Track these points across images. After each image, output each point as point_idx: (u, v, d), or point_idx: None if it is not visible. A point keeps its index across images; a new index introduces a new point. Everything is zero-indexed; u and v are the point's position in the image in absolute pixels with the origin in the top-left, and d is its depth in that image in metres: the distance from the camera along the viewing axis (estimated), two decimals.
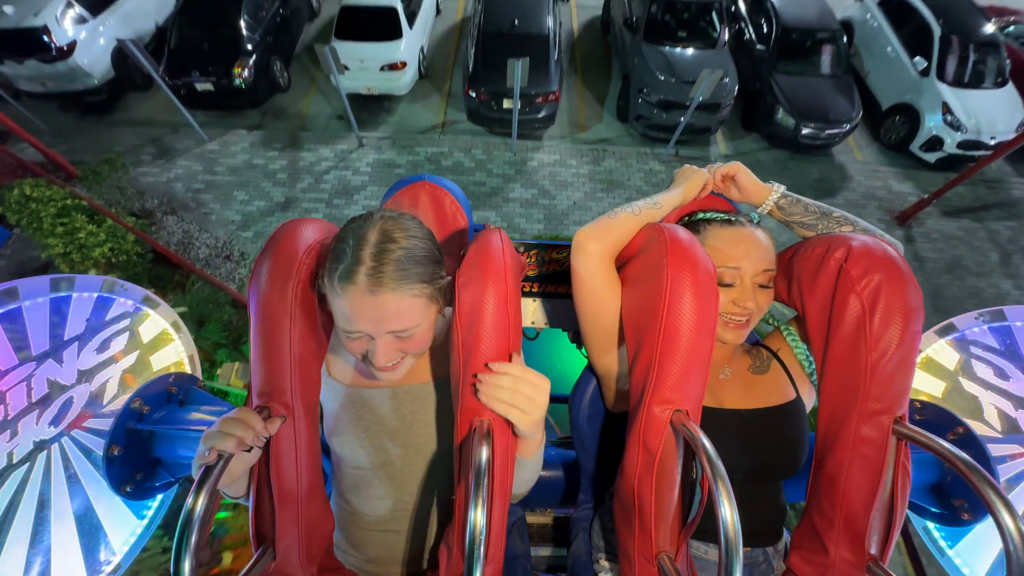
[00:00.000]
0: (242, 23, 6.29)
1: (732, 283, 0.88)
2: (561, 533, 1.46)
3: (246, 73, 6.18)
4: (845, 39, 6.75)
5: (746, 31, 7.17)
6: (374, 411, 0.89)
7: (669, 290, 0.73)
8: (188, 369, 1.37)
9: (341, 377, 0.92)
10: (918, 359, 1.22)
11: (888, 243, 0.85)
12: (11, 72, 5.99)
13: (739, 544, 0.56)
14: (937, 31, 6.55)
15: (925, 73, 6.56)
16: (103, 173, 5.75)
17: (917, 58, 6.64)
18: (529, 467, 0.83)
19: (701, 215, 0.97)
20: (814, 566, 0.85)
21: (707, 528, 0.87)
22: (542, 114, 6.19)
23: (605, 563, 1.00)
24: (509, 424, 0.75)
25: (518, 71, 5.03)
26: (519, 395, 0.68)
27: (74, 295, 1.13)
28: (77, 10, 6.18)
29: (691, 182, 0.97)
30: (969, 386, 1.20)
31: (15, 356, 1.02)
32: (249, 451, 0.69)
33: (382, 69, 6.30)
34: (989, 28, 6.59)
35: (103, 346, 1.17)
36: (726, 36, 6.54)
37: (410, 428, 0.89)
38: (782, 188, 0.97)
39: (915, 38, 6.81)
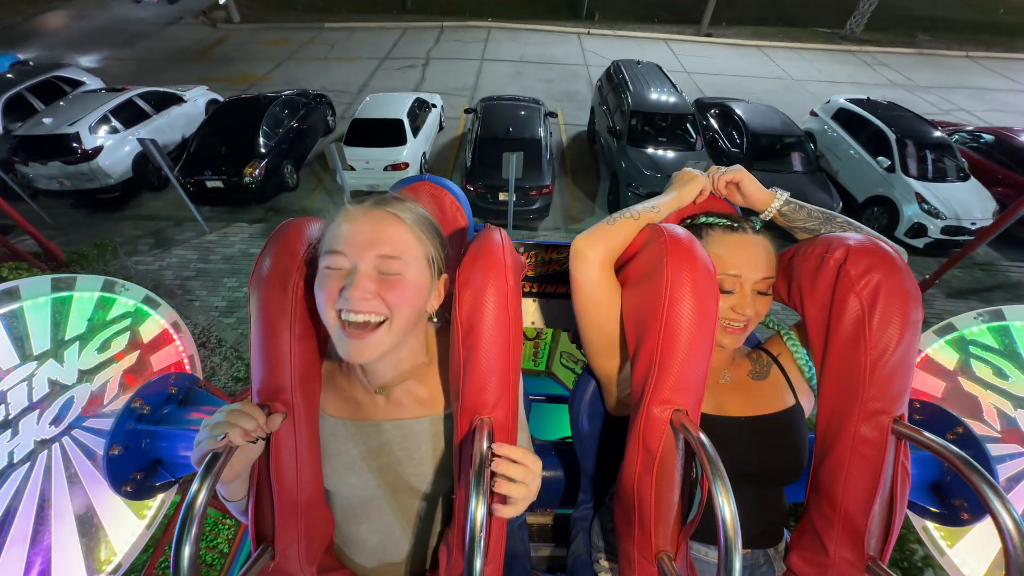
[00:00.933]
0: (260, 132, 6.87)
1: (732, 290, 0.88)
2: (561, 533, 1.46)
3: (256, 172, 6.56)
4: (812, 144, 7.38)
5: (719, 139, 7.82)
6: (361, 445, 0.85)
7: (669, 290, 0.73)
8: (188, 369, 1.37)
9: (331, 411, 0.86)
10: (917, 359, 1.23)
11: (889, 244, 0.85)
12: (32, 172, 6.30)
13: (738, 543, 0.56)
14: (892, 136, 7.13)
15: (891, 170, 6.95)
16: (90, 257, 5.79)
17: (880, 158, 7.13)
18: None
19: (703, 219, 0.97)
20: (814, 566, 0.85)
21: (707, 530, 0.87)
22: (536, 206, 6.61)
23: (605, 563, 1.00)
24: (509, 424, 0.75)
25: (513, 163, 5.36)
26: (532, 488, 0.67)
27: (75, 295, 1.14)
28: (112, 123, 6.79)
29: (689, 187, 0.96)
30: (968, 386, 1.20)
31: (16, 356, 1.02)
32: (255, 442, 0.69)
33: (386, 169, 6.82)
34: (937, 132, 7.21)
35: (104, 346, 1.17)
36: (702, 143, 7.12)
37: (400, 463, 0.84)
38: (786, 195, 0.97)
39: (873, 142, 7.41)
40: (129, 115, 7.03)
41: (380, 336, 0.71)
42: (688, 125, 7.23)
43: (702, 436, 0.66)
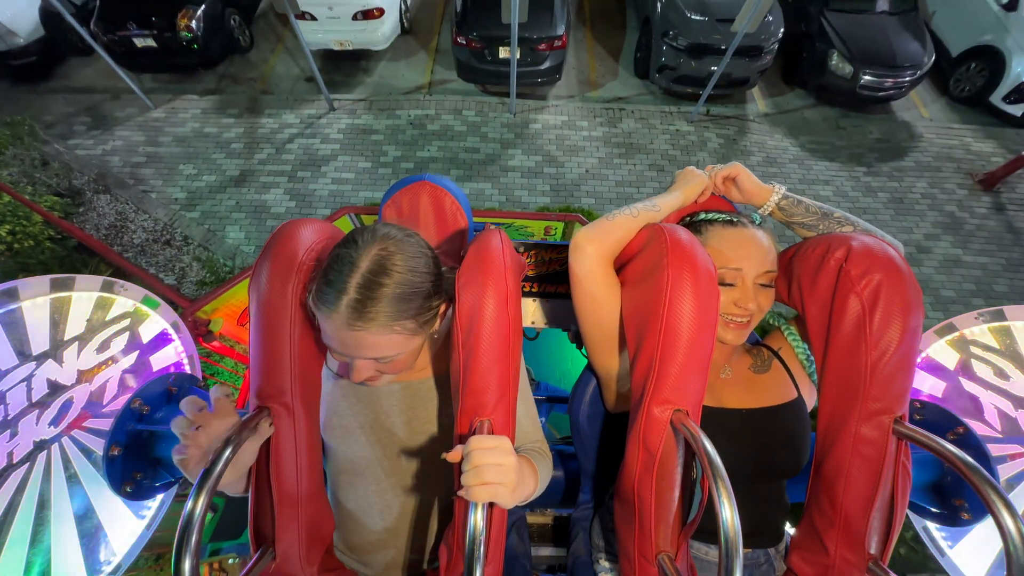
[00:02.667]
0: None
1: (733, 283, 0.88)
2: (561, 533, 1.46)
3: (193, 24, 5.17)
4: None
5: None
6: (372, 405, 0.89)
7: (669, 290, 0.73)
8: (188, 369, 1.36)
9: (342, 370, 0.91)
10: (918, 359, 1.23)
11: (889, 244, 0.85)
12: None
13: (739, 544, 0.56)
14: None
15: (1012, 7, 5.34)
16: (2, 139, 4.75)
17: None
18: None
19: (703, 215, 0.97)
20: (814, 566, 0.85)
21: (708, 529, 0.87)
22: (546, 65, 5.14)
23: (605, 563, 1.00)
24: (509, 426, 0.75)
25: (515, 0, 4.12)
26: (488, 469, 0.62)
27: (74, 295, 1.13)
28: None
29: (691, 186, 0.97)
30: (969, 386, 1.20)
31: (15, 356, 1.02)
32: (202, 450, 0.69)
33: (355, 17, 5.28)
34: None
35: (103, 346, 1.17)
36: None
37: (408, 424, 0.89)
38: (783, 189, 0.97)
39: None
40: None
41: (383, 379, 0.81)
42: None
43: (702, 436, 0.65)
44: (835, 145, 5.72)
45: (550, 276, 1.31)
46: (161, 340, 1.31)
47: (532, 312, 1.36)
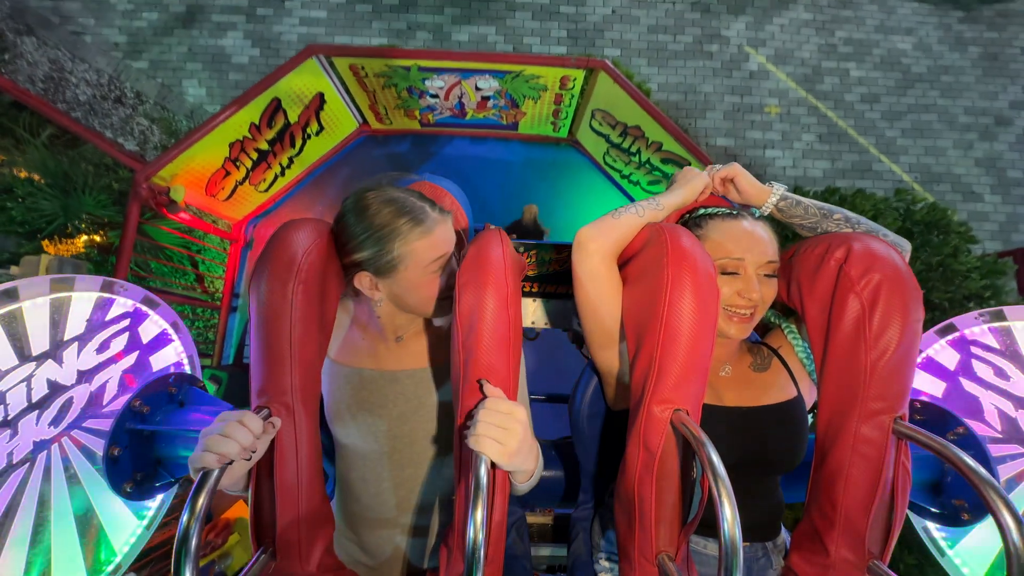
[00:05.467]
0: None
1: (736, 272, 0.88)
2: (561, 533, 1.46)
3: None
4: None
5: None
6: (377, 392, 0.90)
7: (669, 290, 0.73)
8: (188, 369, 1.36)
9: (345, 359, 0.93)
10: (918, 359, 1.23)
11: (890, 244, 0.85)
12: None
13: (739, 544, 0.56)
14: None
15: None
16: None
17: None
18: (521, 489, 0.81)
19: (703, 211, 0.98)
20: (814, 566, 0.85)
21: (706, 523, 0.87)
22: None
23: (605, 563, 1.00)
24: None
25: None
26: (490, 427, 0.66)
27: (74, 295, 1.13)
28: None
29: (692, 185, 0.97)
30: (969, 386, 1.20)
31: (15, 356, 1.02)
32: (248, 459, 0.69)
33: None
34: None
35: (103, 346, 1.17)
36: None
37: (415, 413, 0.90)
38: (782, 190, 0.98)
39: None
40: None
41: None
42: None
43: (703, 436, 0.65)
44: None
45: (550, 276, 1.31)
46: (161, 340, 1.31)
47: (532, 312, 1.36)
